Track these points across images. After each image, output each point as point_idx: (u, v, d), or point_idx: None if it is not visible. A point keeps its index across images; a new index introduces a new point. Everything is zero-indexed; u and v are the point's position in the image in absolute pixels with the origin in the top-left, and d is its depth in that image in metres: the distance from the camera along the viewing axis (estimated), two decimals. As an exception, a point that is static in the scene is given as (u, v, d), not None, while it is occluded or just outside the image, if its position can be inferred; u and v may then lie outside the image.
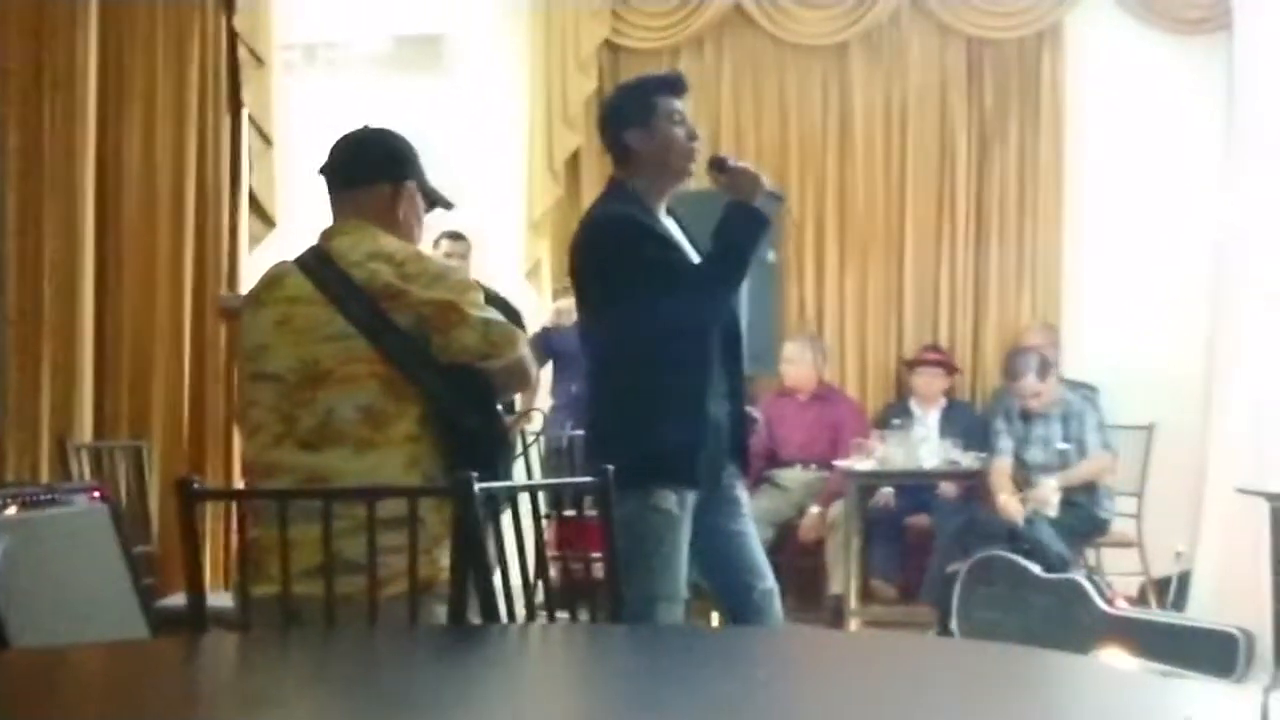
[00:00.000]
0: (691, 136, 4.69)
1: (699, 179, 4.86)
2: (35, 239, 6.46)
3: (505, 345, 3.68)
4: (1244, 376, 7.69)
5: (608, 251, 4.63)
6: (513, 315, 4.68)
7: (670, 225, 4.72)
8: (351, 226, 3.76)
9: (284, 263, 3.84)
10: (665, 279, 4.53)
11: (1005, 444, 7.85)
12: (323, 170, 3.89)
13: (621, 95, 4.88)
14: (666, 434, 4.52)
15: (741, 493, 4.80)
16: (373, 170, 3.83)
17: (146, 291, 6.93)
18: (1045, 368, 7.79)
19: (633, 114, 4.70)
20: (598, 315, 4.73)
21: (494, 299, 4.28)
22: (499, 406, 3.78)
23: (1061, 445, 7.76)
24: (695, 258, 4.69)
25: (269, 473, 3.69)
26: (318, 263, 3.72)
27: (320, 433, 3.61)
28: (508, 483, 3.64)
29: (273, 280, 3.78)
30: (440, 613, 3.45)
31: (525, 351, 3.76)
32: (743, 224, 4.60)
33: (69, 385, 6.54)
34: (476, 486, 3.19)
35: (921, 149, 9.36)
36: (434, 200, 3.96)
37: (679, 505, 4.57)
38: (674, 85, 4.76)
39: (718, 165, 4.69)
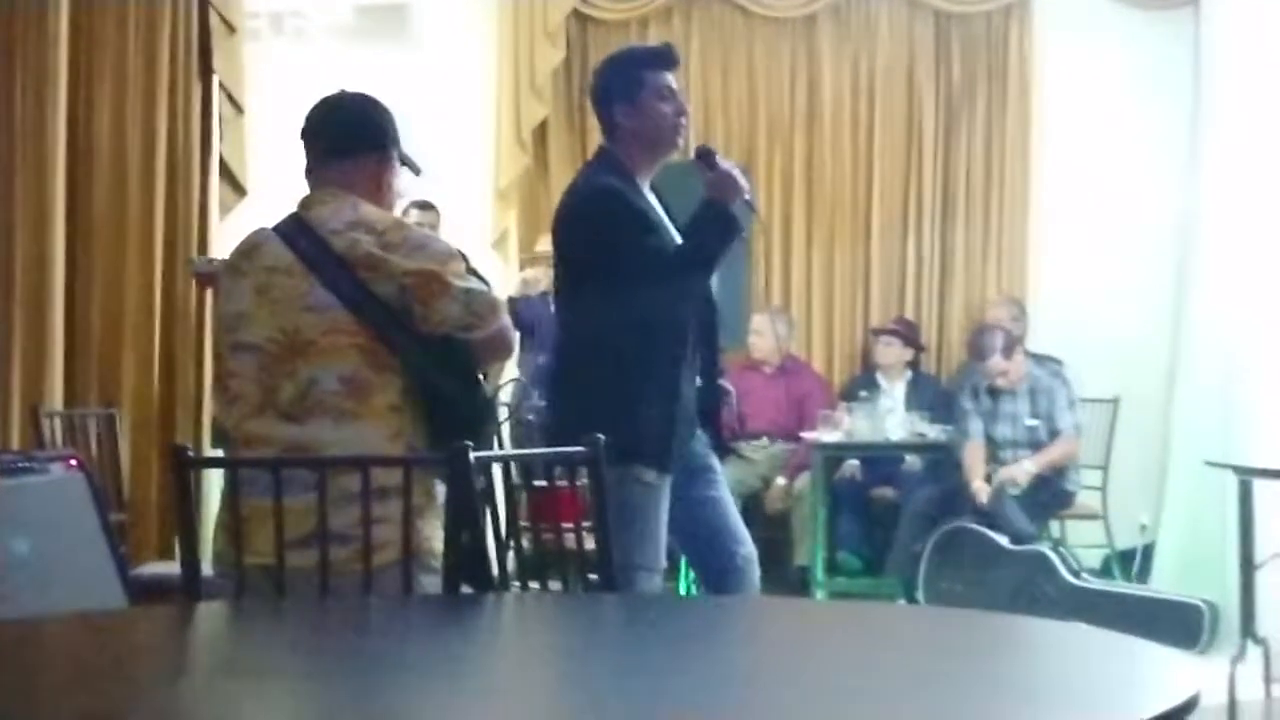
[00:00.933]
0: (679, 113, 4.68)
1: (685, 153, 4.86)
2: (6, 206, 6.44)
3: (488, 315, 3.67)
4: (1210, 350, 7.74)
5: (587, 225, 4.64)
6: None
7: (652, 200, 4.73)
8: (331, 195, 3.73)
9: (262, 230, 3.80)
10: (638, 261, 4.53)
11: (975, 425, 7.87)
12: (304, 136, 3.86)
13: (610, 68, 4.85)
14: (640, 414, 4.52)
15: (714, 460, 4.82)
16: (359, 140, 3.80)
17: (117, 259, 6.91)
18: (1011, 345, 7.83)
19: (620, 88, 4.70)
20: (573, 288, 4.74)
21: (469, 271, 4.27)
22: (480, 376, 3.78)
23: (1030, 421, 7.81)
24: (673, 233, 4.70)
25: (248, 443, 3.67)
26: (297, 231, 3.69)
27: (301, 403, 3.59)
28: (499, 452, 3.65)
29: (251, 249, 3.75)
30: (425, 582, 3.47)
31: (506, 321, 3.76)
32: (716, 227, 4.60)
33: (40, 353, 6.53)
34: (472, 456, 3.21)
35: (889, 122, 9.38)
36: (405, 163, 3.94)
37: (658, 477, 4.59)
38: (664, 59, 4.76)
39: (705, 158, 4.66)
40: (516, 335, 3.84)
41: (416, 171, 3.98)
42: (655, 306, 4.58)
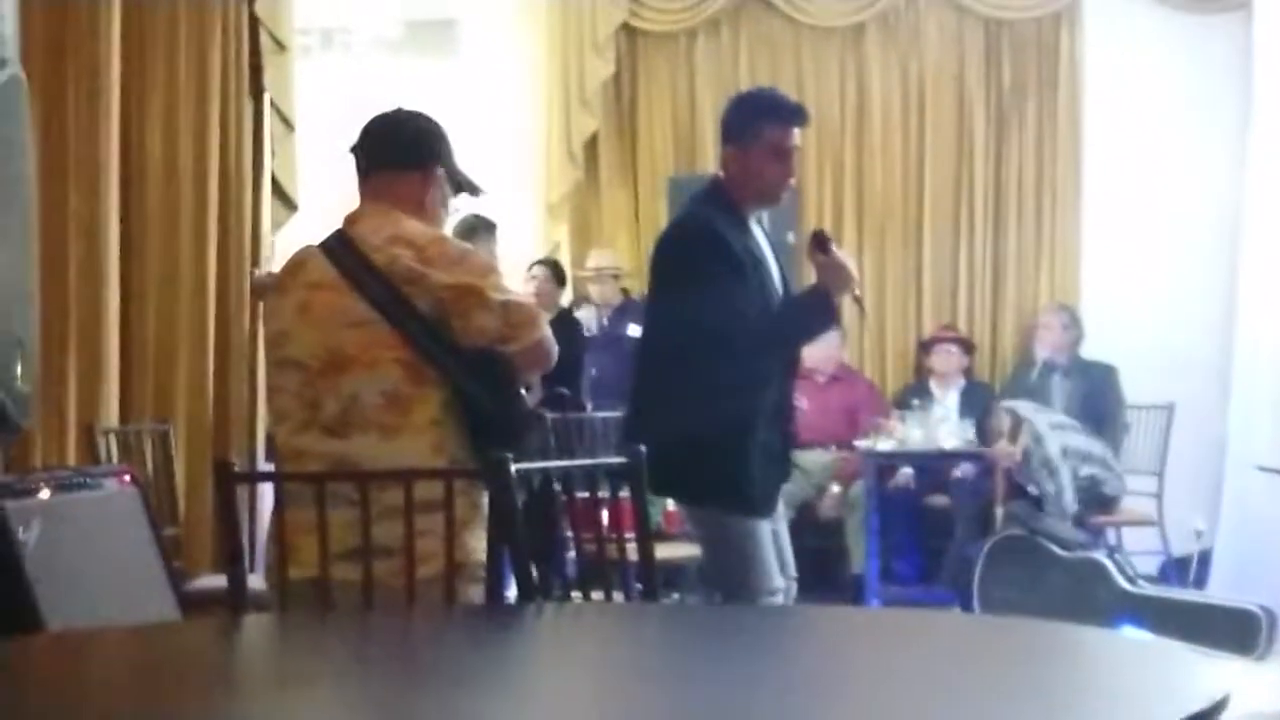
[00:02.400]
0: (787, 175, 4.66)
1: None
2: (60, 226, 6.48)
3: (525, 327, 3.68)
4: (1264, 354, 7.70)
5: (683, 263, 4.63)
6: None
7: (757, 234, 4.72)
8: (376, 210, 3.75)
9: (308, 247, 3.84)
10: (727, 306, 4.49)
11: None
12: (353, 150, 3.90)
13: (733, 108, 4.83)
14: (715, 460, 4.54)
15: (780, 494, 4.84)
16: (404, 155, 3.82)
17: (170, 276, 6.96)
18: (1016, 427, 7.86)
19: (736, 131, 4.69)
20: (661, 320, 4.75)
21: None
22: (520, 389, 3.78)
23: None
24: (773, 267, 4.70)
25: (295, 457, 3.70)
26: (340, 247, 3.72)
27: (344, 418, 3.63)
28: (541, 463, 3.66)
29: (296, 265, 3.80)
30: (472, 593, 3.49)
31: (546, 332, 3.75)
32: (814, 316, 4.65)
33: (95, 370, 6.58)
34: (513, 468, 3.22)
35: (939, 130, 9.37)
36: (461, 185, 3.96)
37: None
38: (789, 115, 4.71)
39: (820, 245, 4.60)
40: (555, 347, 3.83)
41: (474, 193, 4.00)
42: (733, 354, 4.55)
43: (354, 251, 3.68)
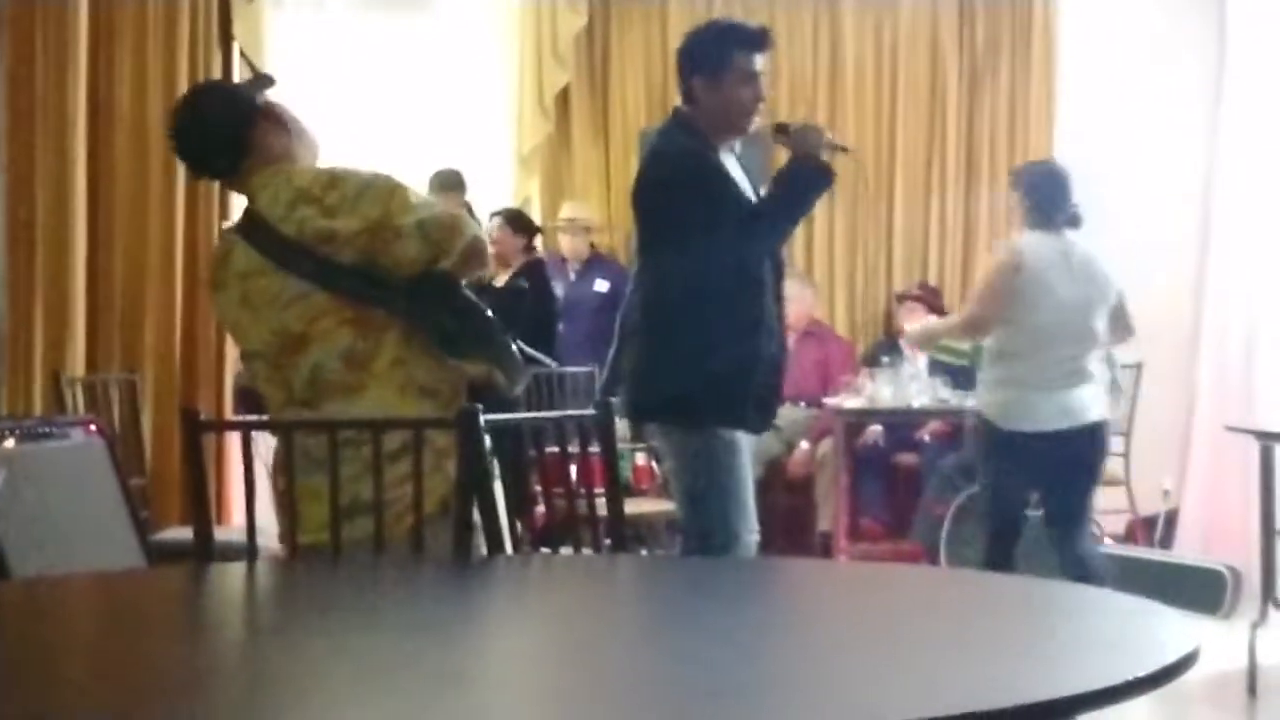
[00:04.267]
0: (757, 99, 4.67)
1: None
2: (27, 174, 6.45)
3: (450, 238, 3.60)
4: (1232, 316, 7.72)
5: (673, 190, 4.63)
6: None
7: (731, 162, 4.74)
8: (266, 176, 3.67)
9: (228, 235, 3.81)
10: (722, 219, 4.53)
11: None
12: (198, 174, 3.87)
13: (699, 38, 4.80)
14: (720, 374, 4.56)
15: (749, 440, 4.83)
16: (235, 132, 3.70)
17: (138, 225, 6.92)
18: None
19: (704, 62, 4.68)
20: (655, 253, 4.73)
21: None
22: (470, 296, 3.71)
23: None
24: (754, 197, 4.72)
25: (287, 434, 3.69)
26: (254, 227, 3.66)
27: (311, 390, 3.62)
28: (506, 416, 3.63)
29: (223, 258, 3.74)
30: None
31: (473, 231, 3.67)
32: (804, 179, 4.63)
33: (62, 319, 6.54)
34: (481, 419, 3.21)
35: (912, 88, 9.35)
36: (259, 83, 3.89)
37: (742, 437, 4.66)
38: (756, 41, 4.71)
39: (781, 131, 4.69)
40: (486, 243, 3.75)
41: (270, 82, 3.90)
42: (737, 269, 4.58)
43: (266, 229, 3.62)
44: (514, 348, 3.70)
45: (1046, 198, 6.21)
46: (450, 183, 8.57)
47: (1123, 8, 9.09)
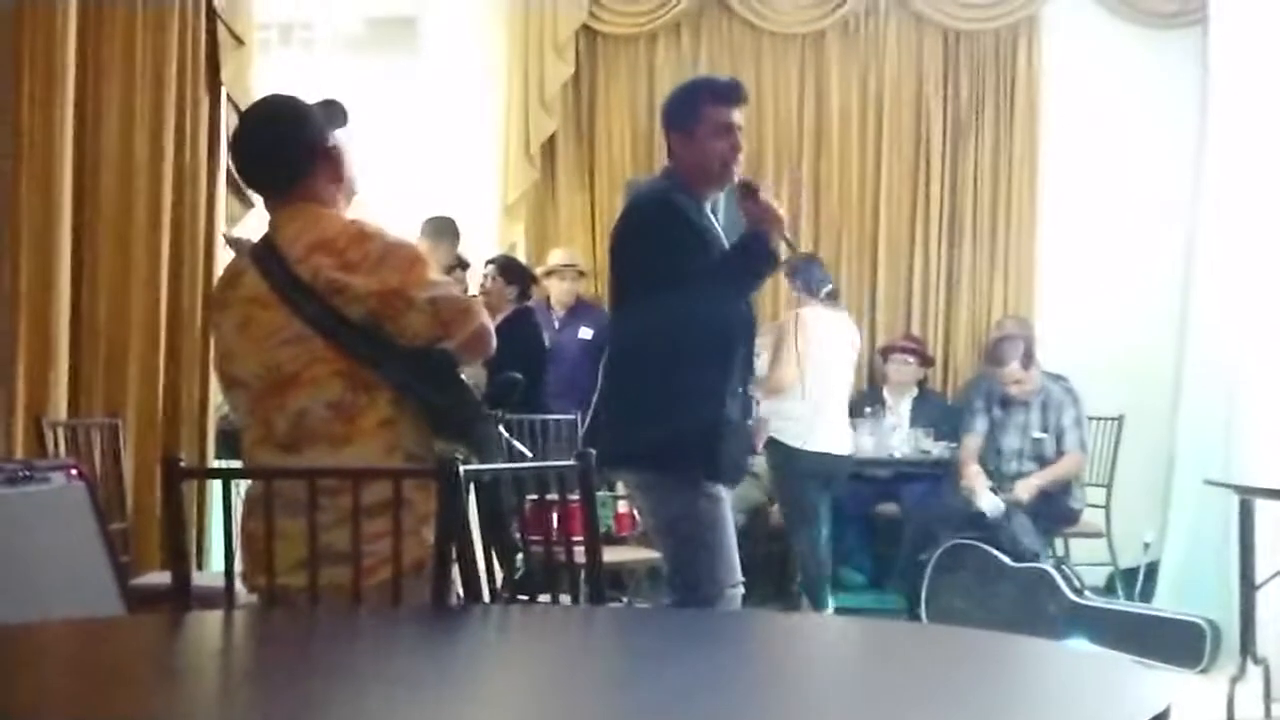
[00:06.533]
0: (733, 150, 4.75)
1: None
2: (12, 215, 6.43)
3: (458, 322, 3.63)
4: (1213, 369, 7.73)
5: (647, 239, 4.70)
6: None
7: (710, 219, 4.83)
8: (297, 210, 3.68)
9: (241, 258, 3.81)
10: (689, 271, 4.57)
11: (980, 423, 7.90)
12: (247, 181, 3.85)
13: (675, 97, 4.94)
14: (687, 427, 4.59)
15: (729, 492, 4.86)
16: (301, 163, 3.70)
17: (123, 270, 6.91)
18: (1029, 356, 7.84)
19: (679, 118, 4.81)
20: (630, 302, 4.81)
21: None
22: (466, 379, 3.74)
23: (1038, 434, 7.81)
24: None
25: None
26: (269, 258, 3.66)
27: (294, 434, 3.61)
28: (490, 465, 3.65)
29: (233, 278, 3.76)
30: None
31: (481, 320, 3.69)
32: (756, 258, 4.68)
33: (45, 362, 6.51)
34: (462, 469, 3.22)
35: (896, 139, 9.40)
36: (336, 122, 3.81)
37: (717, 488, 4.70)
38: (727, 94, 4.82)
39: (745, 190, 4.74)
40: (493, 334, 3.79)
41: (343, 113, 3.86)
42: (708, 323, 4.64)
43: (280, 264, 3.62)
44: (494, 434, 3.72)
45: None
46: (443, 230, 8.61)
47: (1105, 61, 9.17)
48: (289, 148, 3.71)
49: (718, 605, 4.56)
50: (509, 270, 8.36)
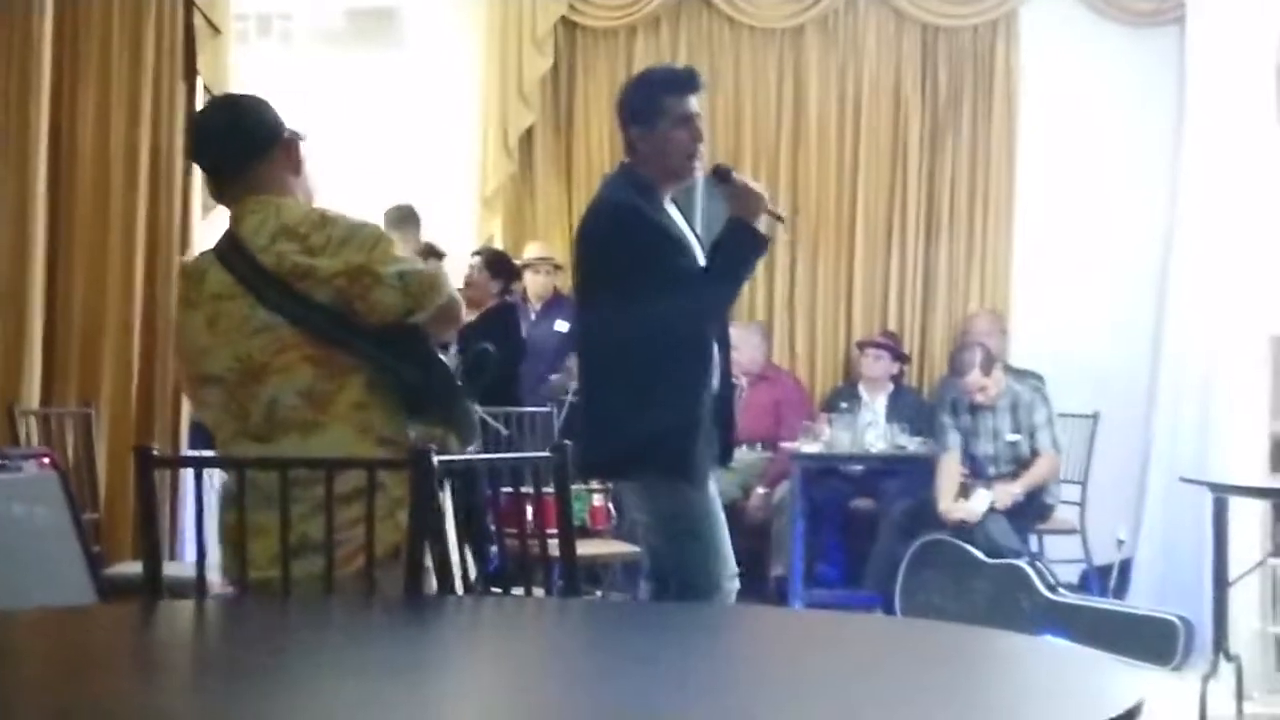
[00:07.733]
0: (696, 140, 4.68)
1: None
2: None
3: (427, 294, 3.64)
4: (1188, 367, 7.76)
5: (610, 244, 4.65)
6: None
7: (674, 214, 4.75)
8: (256, 203, 3.68)
9: (204, 255, 3.80)
10: (662, 279, 4.54)
11: (953, 439, 7.88)
12: (204, 152, 3.84)
13: (631, 90, 4.87)
14: (663, 429, 4.55)
15: (715, 482, 4.84)
16: (258, 145, 3.73)
17: (98, 259, 6.89)
18: (990, 361, 7.82)
19: (638, 111, 4.73)
20: (596, 306, 4.75)
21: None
22: (438, 354, 3.74)
23: (1011, 437, 7.82)
24: (695, 246, 4.73)
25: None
26: (232, 251, 3.67)
27: (267, 424, 3.62)
28: (465, 456, 3.65)
29: (198, 275, 3.74)
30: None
31: (449, 292, 3.71)
32: (742, 244, 4.63)
33: (17, 351, 6.51)
34: (435, 460, 3.21)
35: (874, 134, 9.39)
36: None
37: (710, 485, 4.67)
38: (685, 84, 4.75)
39: (720, 175, 4.70)
40: (462, 305, 3.79)
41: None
42: (680, 325, 4.59)
43: (244, 255, 3.63)
44: (472, 411, 3.72)
45: None
46: (406, 217, 8.58)
47: (1084, 59, 9.18)
48: (248, 129, 3.74)
49: (714, 599, 4.54)
50: (495, 264, 8.36)
